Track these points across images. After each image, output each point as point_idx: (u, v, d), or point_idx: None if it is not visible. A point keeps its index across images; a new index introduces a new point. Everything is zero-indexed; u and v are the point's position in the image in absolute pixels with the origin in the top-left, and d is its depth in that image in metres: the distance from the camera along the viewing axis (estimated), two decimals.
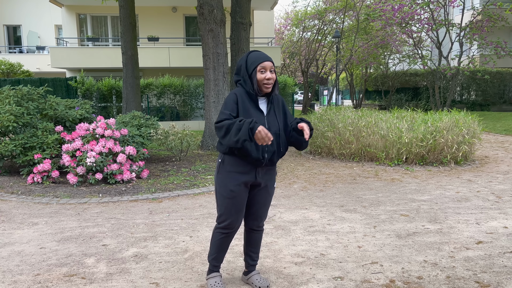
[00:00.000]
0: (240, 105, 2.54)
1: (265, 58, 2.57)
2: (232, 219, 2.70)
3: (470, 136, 7.85)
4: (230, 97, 2.57)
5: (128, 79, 11.04)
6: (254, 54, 2.61)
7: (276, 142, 2.65)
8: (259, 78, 2.56)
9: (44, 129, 6.79)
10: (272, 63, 2.60)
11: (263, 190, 2.77)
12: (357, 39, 22.47)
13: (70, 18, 17.70)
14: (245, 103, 2.57)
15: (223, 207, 2.69)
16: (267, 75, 2.56)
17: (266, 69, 2.57)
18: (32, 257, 3.53)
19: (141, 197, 5.55)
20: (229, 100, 2.56)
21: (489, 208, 4.88)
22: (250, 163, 2.62)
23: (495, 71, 22.12)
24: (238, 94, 2.57)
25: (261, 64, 2.55)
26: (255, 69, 2.56)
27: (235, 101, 2.55)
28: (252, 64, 2.57)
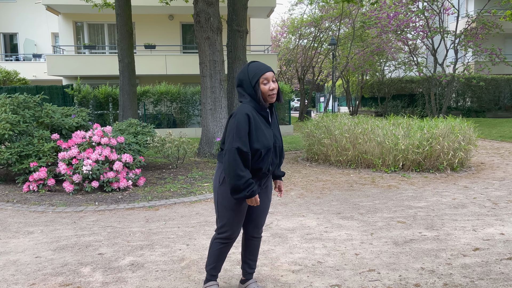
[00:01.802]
0: (252, 126, 2.52)
1: (266, 69, 2.56)
2: (233, 230, 2.71)
3: (466, 142, 7.89)
4: (243, 120, 2.49)
5: (125, 87, 11.04)
6: (254, 66, 2.58)
7: (279, 154, 2.72)
8: (263, 90, 2.55)
9: (40, 137, 6.77)
10: (273, 72, 2.61)
11: (264, 196, 2.81)
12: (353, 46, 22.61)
13: (67, 26, 17.72)
14: (257, 122, 2.55)
15: (225, 218, 2.67)
16: (270, 85, 2.55)
17: (269, 80, 2.55)
18: (27, 266, 3.50)
19: (138, 205, 5.53)
20: (242, 124, 2.49)
21: (485, 215, 4.89)
22: (256, 176, 2.65)
23: (490, 77, 22.28)
24: (250, 114, 2.51)
25: (263, 76, 2.54)
26: (257, 82, 2.54)
27: (247, 124, 2.50)
28: (254, 77, 2.54)
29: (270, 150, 2.60)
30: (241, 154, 2.47)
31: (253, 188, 2.51)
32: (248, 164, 2.52)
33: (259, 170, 2.60)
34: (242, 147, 2.47)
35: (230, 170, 2.47)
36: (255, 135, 2.52)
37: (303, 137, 9.55)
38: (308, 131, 9.29)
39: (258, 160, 2.56)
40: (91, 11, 17.00)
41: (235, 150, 2.46)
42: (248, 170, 2.52)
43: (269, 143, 2.58)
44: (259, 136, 2.54)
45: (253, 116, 2.54)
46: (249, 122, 2.51)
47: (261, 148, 2.54)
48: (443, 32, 17.45)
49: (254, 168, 2.59)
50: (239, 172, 2.47)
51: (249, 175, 2.50)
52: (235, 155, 2.47)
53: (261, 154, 2.55)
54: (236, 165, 2.47)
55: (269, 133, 2.61)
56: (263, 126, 2.58)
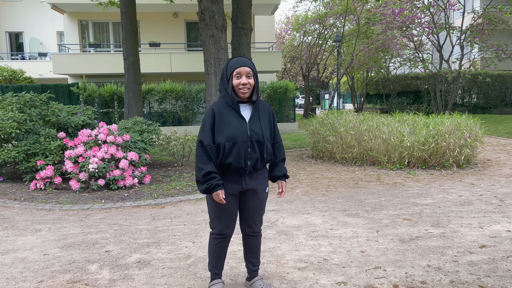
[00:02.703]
0: (217, 119, 2.60)
1: (242, 63, 2.59)
2: (222, 225, 2.75)
3: (472, 139, 7.85)
4: (208, 113, 2.63)
5: (130, 85, 11.07)
6: (233, 60, 2.62)
7: (259, 149, 2.66)
8: (234, 84, 2.59)
9: (47, 135, 6.82)
10: (251, 68, 2.60)
11: (254, 196, 2.77)
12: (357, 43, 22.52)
13: (72, 24, 17.79)
14: (223, 115, 2.61)
15: (213, 213, 2.74)
16: (242, 80, 2.58)
17: (242, 75, 2.58)
18: (35, 263, 3.53)
19: (144, 203, 5.56)
20: (206, 118, 2.63)
21: (492, 212, 4.87)
22: (234, 172, 2.66)
23: (496, 74, 22.12)
24: (215, 108, 2.63)
25: (237, 70, 2.58)
26: (231, 75, 2.60)
27: (211, 117, 2.61)
28: (229, 70, 2.61)
29: (238, 143, 2.57)
30: (203, 147, 2.59)
31: (212, 182, 2.54)
32: (212, 158, 2.58)
33: (230, 164, 2.60)
34: (204, 140, 2.59)
35: (195, 162, 2.62)
36: (219, 128, 2.59)
37: (308, 135, 9.54)
38: (313, 129, 9.28)
39: (225, 153, 2.58)
40: (96, 9, 17.05)
41: (198, 143, 2.61)
42: (211, 163, 2.57)
43: (236, 136, 2.57)
44: (223, 129, 2.58)
45: (220, 110, 2.61)
46: (213, 116, 2.61)
47: (224, 140, 2.57)
48: (448, 28, 17.33)
49: (225, 163, 2.61)
50: (200, 164, 2.58)
51: (210, 168, 2.56)
52: (198, 147, 2.61)
53: (225, 147, 2.57)
54: (198, 157, 2.60)
55: (240, 126, 2.60)
56: (232, 120, 2.60)
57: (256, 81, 2.65)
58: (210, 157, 2.58)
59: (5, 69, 18.99)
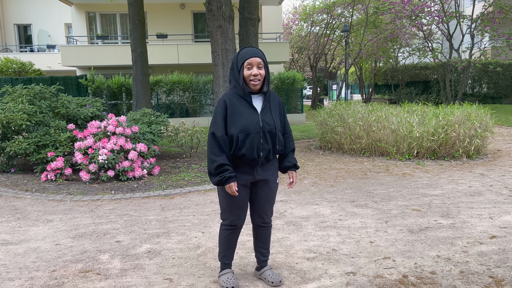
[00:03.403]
0: (229, 111, 2.58)
1: (253, 54, 2.56)
2: (234, 216, 2.74)
3: (483, 129, 7.76)
4: (219, 105, 2.60)
5: (138, 77, 11.10)
6: (243, 50, 2.60)
7: (272, 140, 2.66)
8: (245, 75, 2.57)
9: (57, 127, 6.88)
10: (262, 58, 2.58)
11: (265, 186, 2.78)
12: (366, 32, 22.29)
13: (80, 16, 17.82)
14: (235, 106, 2.59)
15: (224, 204, 2.74)
16: (253, 71, 2.55)
17: (253, 65, 2.56)
18: (47, 253, 3.59)
19: (153, 194, 5.60)
20: (218, 109, 2.61)
21: (502, 202, 4.83)
22: (247, 163, 2.65)
23: (507, 63, 21.79)
24: (227, 99, 2.61)
25: (248, 60, 2.55)
26: (242, 66, 2.57)
27: (224, 108, 2.59)
28: (240, 61, 2.58)
29: (251, 134, 2.57)
30: (215, 139, 2.57)
31: (225, 174, 2.53)
32: (225, 150, 2.56)
33: (243, 156, 2.59)
34: (216, 131, 2.57)
35: (207, 154, 2.60)
36: (232, 120, 2.57)
37: (316, 126, 9.51)
38: (321, 119, 9.24)
39: (238, 145, 2.57)
40: (103, 1, 17.05)
41: (210, 135, 2.59)
42: (224, 155, 2.55)
43: (249, 127, 2.57)
44: (236, 120, 2.57)
45: (232, 101, 2.60)
46: (225, 108, 2.58)
47: (237, 132, 2.56)
48: (459, 17, 17.06)
49: (237, 155, 2.59)
50: (212, 156, 2.56)
51: (222, 160, 2.54)
52: (210, 139, 2.59)
53: (238, 138, 2.56)
54: (211, 149, 2.58)
55: (253, 118, 2.59)
56: (244, 111, 2.59)
57: (267, 72, 2.62)
58: (222, 149, 2.56)
59: (14, 61, 19.14)
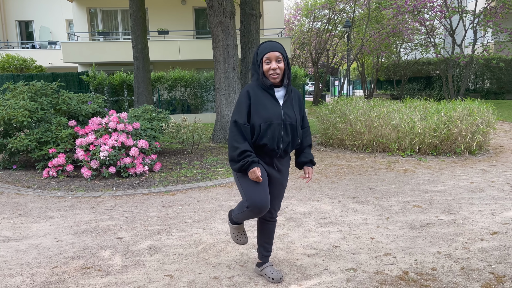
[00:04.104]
0: (253, 101, 2.61)
1: (271, 48, 2.59)
2: (260, 196, 2.59)
3: (485, 125, 7.74)
4: (243, 95, 2.63)
5: (139, 73, 11.09)
6: (262, 45, 2.64)
7: (292, 133, 2.68)
8: (264, 69, 2.61)
9: (58, 123, 6.88)
10: (281, 52, 2.60)
11: (277, 181, 2.79)
12: (368, 28, 22.19)
13: (81, 12, 17.80)
14: (259, 97, 2.63)
15: (247, 188, 2.61)
16: (271, 65, 2.58)
17: (271, 60, 2.58)
18: (49, 250, 3.60)
19: (154, 190, 5.61)
20: (242, 99, 2.63)
21: (504, 199, 4.82)
22: (266, 154, 2.68)
23: (510, 58, 21.65)
24: (250, 89, 2.64)
25: (266, 55, 2.59)
26: (261, 60, 2.61)
27: (247, 98, 2.62)
28: (259, 56, 2.62)
29: (273, 125, 2.60)
30: (237, 126, 2.58)
31: (248, 159, 2.54)
32: (246, 137, 2.58)
33: (264, 145, 2.62)
34: (238, 119, 2.59)
35: (228, 142, 2.62)
36: (255, 109, 2.60)
37: (318, 122, 9.49)
38: (323, 115, 9.22)
39: (260, 134, 2.59)
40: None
41: (232, 123, 2.61)
42: (246, 142, 2.57)
43: (271, 118, 2.60)
44: (259, 110, 2.60)
45: (256, 92, 2.63)
46: (249, 97, 2.62)
47: (260, 121, 2.59)
48: (461, 12, 16.95)
49: (260, 143, 2.62)
50: (234, 143, 2.57)
51: (245, 147, 2.55)
52: (232, 127, 2.61)
53: (260, 127, 2.58)
54: (233, 137, 2.59)
55: (275, 109, 2.62)
56: (267, 102, 2.63)
57: (287, 65, 2.64)
58: (244, 137, 2.58)
59: (16, 58, 19.15)
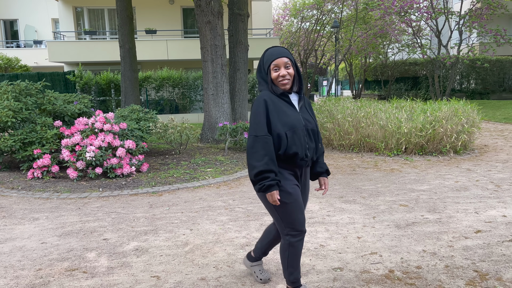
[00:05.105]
0: (272, 109, 2.42)
1: (278, 54, 2.45)
2: (300, 221, 2.47)
3: (470, 125, 7.85)
4: (259, 104, 2.42)
5: (126, 73, 11.00)
6: (268, 52, 2.49)
7: (314, 138, 2.54)
8: (273, 77, 2.46)
9: (43, 124, 6.79)
10: (289, 57, 2.46)
11: (303, 194, 2.64)
12: (356, 28, 22.35)
13: (67, 11, 17.58)
14: (277, 104, 2.45)
15: (284, 213, 2.45)
16: (280, 72, 2.44)
17: (280, 66, 2.44)
18: (33, 252, 3.55)
19: (141, 191, 5.57)
20: (258, 109, 2.42)
21: (488, 197, 4.90)
22: (296, 165, 2.48)
23: (494, 59, 22.03)
24: (266, 97, 2.44)
25: (274, 62, 2.44)
26: (269, 68, 2.47)
27: (265, 107, 2.42)
28: (266, 63, 2.48)
29: (298, 131, 2.42)
30: (258, 141, 2.36)
31: (265, 182, 2.33)
32: (268, 151, 2.35)
33: (295, 155, 2.41)
34: (258, 132, 2.37)
35: (247, 159, 2.40)
36: (276, 117, 2.41)
37: None
38: None
39: (288, 143, 2.40)
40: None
41: (251, 138, 2.39)
42: (266, 158, 2.34)
43: (295, 124, 2.42)
44: (281, 117, 2.41)
45: (272, 100, 2.45)
46: (266, 106, 2.42)
47: (286, 129, 2.40)
48: (447, 13, 17.19)
49: (289, 153, 2.41)
50: (252, 162, 2.36)
51: (263, 166, 2.33)
52: (251, 143, 2.39)
53: (287, 136, 2.39)
54: (251, 154, 2.37)
55: (295, 115, 2.46)
56: (286, 109, 2.45)
57: (296, 70, 2.51)
58: (265, 152, 2.35)
59: (0, 57, 18.83)
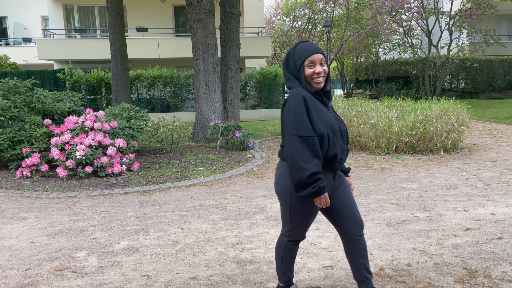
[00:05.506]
0: (310, 107, 2.23)
1: (314, 50, 2.27)
2: (304, 229, 2.43)
3: (459, 124, 7.93)
4: (298, 101, 2.21)
5: (117, 71, 10.92)
6: (301, 47, 2.30)
7: (346, 139, 2.39)
8: (307, 74, 2.26)
9: (32, 122, 6.71)
10: (323, 54, 2.29)
11: (344, 187, 2.47)
12: (347, 28, 22.43)
13: (57, 8, 17.39)
14: (315, 103, 2.26)
15: (298, 219, 2.37)
16: (316, 69, 2.26)
17: (315, 63, 2.26)
18: (22, 251, 3.51)
19: (132, 190, 5.53)
20: (299, 106, 2.21)
21: (477, 196, 4.95)
22: (332, 168, 2.33)
23: (484, 59, 22.27)
24: (305, 95, 2.23)
25: (309, 58, 2.25)
26: (303, 64, 2.27)
27: (304, 105, 2.21)
28: (299, 59, 2.27)
29: (336, 133, 2.28)
30: (304, 141, 2.15)
31: (319, 184, 2.15)
32: (316, 152, 2.17)
33: (335, 157, 2.27)
34: (303, 132, 2.16)
35: (291, 162, 2.16)
36: (316, 117, 2.22)
37: None
38: None
39: (329, 145, 2.25)
40: None
41: (295, 139, 2.16)
42: (316, 160, 2.16)
43: (333, 125, 2.27)
44: (321, 117, 2.24)
45: (310, 97, 2.25)
46: (306, 104, 2.21)
47: (327, 130, 2.23)
48: (437, 13, 17.33)
49: (329, 156, 2.25)
50: (301, 163, 2.13)
51: (314, 167, 2.14)
52: (295, 143, 2.16)
53: (328, 137, 2.23)
54: (298, 155, 2.15)
55: (330, 115, 2.31)
56: (322, 108, 2.29)
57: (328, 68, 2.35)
58: (313, 154, 2.16)
59: None
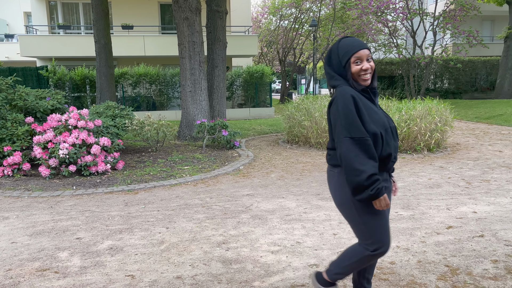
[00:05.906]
0: (361, 106, 2.11)
1: (360, 46, 2.16)
2: (388, 237, 2.21)
3: (443, 124, 8.04)
4: (348, 100, 2.09)
5: (102, 69, 10.78)
6: (346, 43, 2.19)
7: (396, 137, 2.28)
8: (354, 71, 2.15)
9: (14, 120, 6.58)
10: (369, 49, 2.18)
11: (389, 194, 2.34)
12: (333, 27, 22.56)
13: (40, 4, 17.07)
14: (363, 101, 2.15)
15: (375, 227, 2.17)
16: (363, 65, 2.15)
17: (362, 59, 2.15)
18: (3, 252, 3.44)
19: (117, 189, 5.47)
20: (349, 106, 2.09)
21: (459, 194, 5.03)
22: (386, 168, 2.22)
23: (467, 59, 22.63)
24: (354, 94, 2.12)
25: (356, 54, 2.14)
26: (349, 61, 2.16)
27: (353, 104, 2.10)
28: (345, 55, 2.17)
29: (388, 131, 2.17)
30: (356, 143, 2.05)
31: (378, 186, 2.03)
32: (371, 153, 2.06)
33: (389, 156, 2.17)
34: (356, 133, 2.05)
35: (347, 165, 2.05)
36: (367, 116, 2.11)
37: (284, 120, 9.56)
38: (289, 114, 9.30)
39: (383, 144, 2.14)
40: None
41: (347, 141, 2.06)
42: (372, 161, 2.05)
43: (385, 123, 2.17)
44: (372, 116, 2.13)
45: (358, 96, 2.14)
46: (355, 103, 2.10)
47: (380, 128, 2.13)
48: (422, 14, 17.55)
49: (384, 155, 2.15)
50: (358, 166, 2.02)
51: (371, 169, 2.03)
52: (348, 146, 2.05)
53: (382, 136, 2.13)
54: (354, 157, 2.04)
55: (380, 113, 2.21)
56: (372, 105, 2.18)
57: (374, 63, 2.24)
58: (369, 155, 2.05)
59: None
